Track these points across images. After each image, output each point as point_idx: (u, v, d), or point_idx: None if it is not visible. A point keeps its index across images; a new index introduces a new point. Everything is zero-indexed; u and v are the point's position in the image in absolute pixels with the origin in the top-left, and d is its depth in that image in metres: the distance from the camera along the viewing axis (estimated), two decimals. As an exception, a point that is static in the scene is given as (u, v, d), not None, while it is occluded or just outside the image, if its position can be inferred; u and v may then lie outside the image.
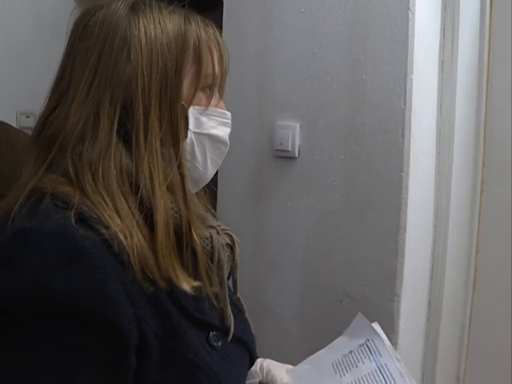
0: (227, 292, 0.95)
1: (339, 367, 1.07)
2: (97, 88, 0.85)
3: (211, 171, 0.98)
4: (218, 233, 0.96)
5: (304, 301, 1.92)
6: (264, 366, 1.05)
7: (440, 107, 1.81)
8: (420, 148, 1.75)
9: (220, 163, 0.99)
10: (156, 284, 0.82)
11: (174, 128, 0.89)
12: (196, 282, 0.87)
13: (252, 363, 1.02)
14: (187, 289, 0.85)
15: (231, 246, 0.97)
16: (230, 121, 0.99)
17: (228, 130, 0.98)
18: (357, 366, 1.06)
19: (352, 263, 1.82)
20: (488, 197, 1.92)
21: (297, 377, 1.07)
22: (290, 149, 1.94)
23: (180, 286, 0.84)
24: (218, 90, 0.97)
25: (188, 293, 0.85)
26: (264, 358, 1.07)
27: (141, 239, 0.81)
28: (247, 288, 1.11)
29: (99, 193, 0.82)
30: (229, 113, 0.98)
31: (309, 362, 1.12)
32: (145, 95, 0.86)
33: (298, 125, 1.93)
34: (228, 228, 0.99)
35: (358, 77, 1.78)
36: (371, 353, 1.07)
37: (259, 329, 1.07)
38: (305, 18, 1.89)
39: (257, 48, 2.00)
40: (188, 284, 0.85)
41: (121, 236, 0.79)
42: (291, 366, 1.10)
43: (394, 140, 1.72)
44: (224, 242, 0.96)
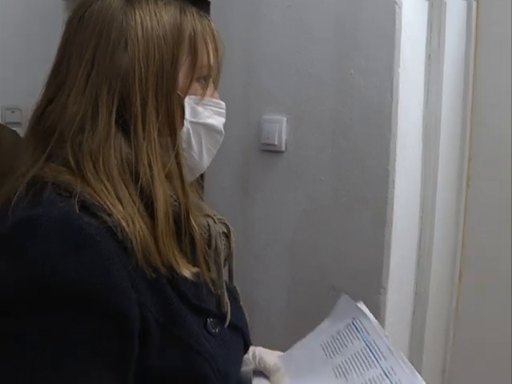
0: (224, 279, 0.97)
1: (329, 349, 1.09)
2: (94, 79, 0.87)
3: (206, 160, 1.00)
4: (215, 221, 0.98)
5: (291, 294, 1.94)
6: (256, 354, 1.07)
7: (427, 101, 1.84)
8: (407, 142, 1.78)
9: (215, 153, 1.02)
10: (157, 270, 0.84)
11: (171, 118, 0.91)
12: (195, 269, 0.90)
13: (246, 350, 1.05)
14: (187, 275, 0.87)
15: (227, 235, 1.00)
16: (225, 111, 1.01)
17: (223, 120, 1.01)
18: (346, 346, 1.07)
19: (339, 257, 1.84)
20: (474, 191, 1.95)
21: (288, 362, 1.09)
22: (277, 143, 1.96)
23: (180, 273, 0.87)
24: (213, 82, 0.99)
25: (187, 279, 0.87)
26: (255, 346, 1.09)
27: (142, 226, 0.83)
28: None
29: (101, 181, 0.84)
30: (223, 103, 1.01)
31: (298, 347, 1.14)
32: (142, 86, 0.88)
33: (285, 119, 1.94)
34: (223, 217, 1.02)
35: (345, 71, 1.81)
36: (358, 331, 1.08)
37: (246, 323, 1.08)
38: (292, 13, 1.91)
39: (244, 42, 2.02)
40: (188, 270, 0.88)
41: (123, 223, 0.81)
42: (281, 353, 1.12)
43: (381, 134, 1.75)
44: (220, 231, 0.99)
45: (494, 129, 1.93)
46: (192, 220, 0.90)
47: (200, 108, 0.96)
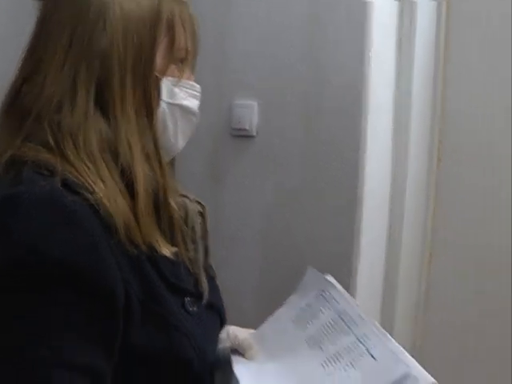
0: (201, 258, 0.99)
1: (300, 321, 1.11)
2: (73, 59, 0.88)
3: (181, 142, 1.01)
4: (190, 201, 1.01)
5: (263, 277, 1.96)
6: (230, 332, 1.08)
7: (398, 85, 1.86)
8: (377, 126, 1.81)
9: (189, 135, 1.02)
10: (138, 248, 0.85)
11: (148, 98, 0.93)
12: (174, 248, 0.91)
13: (222, 328, 1.06)
14: (167, 254, 0.89)
15: (202, 214, 1.03)
16: (200, 94, 1.02)
17: (197, 103, 1.03)
18: (317, 317, 1.08)
19: (310, 240, 1.87)
20: (445, 173, 1.98)
21: (260, 338, 1.10)
22: (248, 128, 1.97)
23: (160, 252, 0.88)
24: (190, 65, 1.00)
25: (166, 258, 0.89)
26: (229, 325, 1.10)
27: (124, 204, 0.85)
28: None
29: (81, 159, 0.85)
30: (198, 86, 1.02)
31: (269, 323, 1.15)
32: (120, 67, 0.89)
33: (257, 104, 1.95)
34: (197, 198, 1.03)
35: (316, 55, 1.83)
36: (328, 302, 1.09)
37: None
38: (264, -1, 1.91)
39: (214, 27, 2.02)
40: (167, 249, 0.90)
41: (105, 200, 0.82)
42: (254, 330, 1.14)
43: (352, 117, 1.77)
44: (196, 210, 1.00)
45: (464, 111, 1.96)
46: (170, 199, 0.92)
47: (176, 89, 0.97)
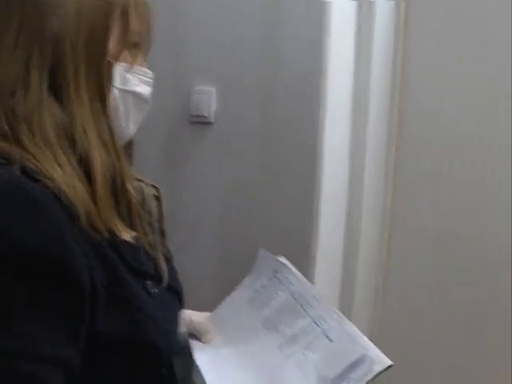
0: (159, 241, 0.99)
1: (255, 303, 1.12)
2: (25, 43, 0.87)
3: (132, 128, 1.01)
4: (146, 185, 1.01)
5: (220, 264, 1.96)
6: (186, 316, 1.08)
7: (356, 71, 1.86)
8: (336, 112, 1.82)
9: (141, 122, 1.02)
10: (100, 233, 0.85)
11: (101, 84, 0.92)
12: (133, 232, 0.92)
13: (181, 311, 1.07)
14: (127, 238, 0.90)
15: (157, 198, 1.03)
16: (152, 80, 1.02)
17: (150, 89, 1.02)
18: (272, 299, 1.10)
19: (268, 227, 1.88)
20: (403, 158, 2.00)
21: (216, 322, 1.11)
22: (207, 114, 1.97)
23: (120, 236, 0.88)
24: (143, 51, 1.00)
25: (126, 243, 0.90)
26: (185, 310, 1.10)
27: (83, 190, 0.84)
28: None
29: (37, 145, 0.84)
30: (151, 72, 1.02)
31: (224, 306, 1.16)
32: (73, 51, 0.88)
33: (215, 89, 1.94)
34: (152, 181, 1.04)
35: (274, 41, 1.83)
36: (282, 283, 1.11)
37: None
38: (220, -18, 1.90)
39: (171, 12, 2.01)
40: (127, 234, 0.90)
41: (65, 187, 0.81)
42: (209, 313, 1.15)
43: (310, 104, 1.78)
44: (151, 194, 1.01)
45: (424, 94, 1.98)
46: (128, 184, 0.92)
47: (129, 76, 0.96)
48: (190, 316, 1.10)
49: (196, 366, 1.01)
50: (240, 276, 1.86)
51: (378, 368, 0.92)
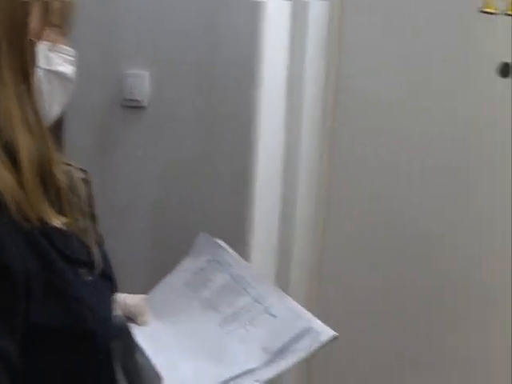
0: (90, 226, 0.97)
1: (193, 285, 1.13)
2: None
3: (57, 110, 0.98)
4: (74, 169, 0.98)
5: (154, 250, 1.95)
6: (121, 300, 1.07)
7: (291, 55, 1.87)
8: (271, 96, 1.83)
9: (65, 103, 1.00)
10: (30, 223, 0.83)
11: (24, 64, 0.89)
12: (64, 219, 0.89)
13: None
14: (58, 225, 0.87)
15: (86, 181, 1.00)
16: (74, 59, 0.99)
17: (73, 68, 0.99)
18: (210, 281, 1.11)
19: (203, 213, 1.87)
20: (338, 142, 2.02)
21: (152, 303, 1.11)
22: (140, 98, 1.94)
23: (51, 224, 0.86)
24: (66, 29, 0.97)
25: (57, 230, 0.87)
26: (120, 293, 1.09)
27: (10, 179, 0.82)
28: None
29: None
30: (73, 50, 0.99)
31: (160, 288, 1.16)
32: None
33: (148, 73, 1.92)
34: (81, 166, 1.01)
35: (209, 24, 1.82)
36: (221, 265, 1.12)
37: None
38: (154, -36, 1.88)
39: (103, -8, 1.96)
40: (58, 221, 0.88)
41: None
42: (145, 296, 1.14)
43: (245, 87, 1.78)
44: (80, 177, 0.98)
45: (358, 86, 2.01)
46: (56, 170, 0.90)
47: (52, 55, 0.94)
48: (125, 299, 1.08)
49: (139, 348, 1.00)
50: (174, 260, 1.85)
51: (323, 338, 0.96)
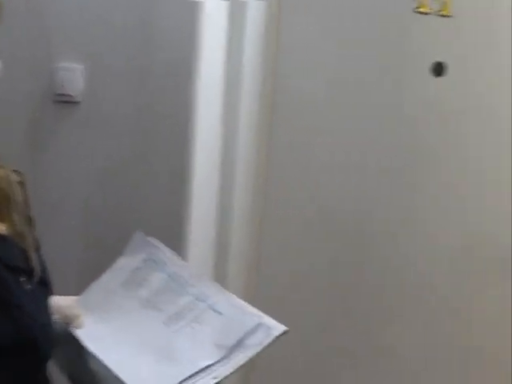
0: (27, 230, 0.95)
1: (130, 285, 1.12)
2: None
3: None
4: (9, 171, 0.96)
5: (88, 249, 1.90)
6: (54, 303, 1.03)
7: (229, 54, 1.85)
8: (208, 94, 1.80)
9: None
10: None
11: None
12: (2, 225, 0.88)
13: None
14: None
15: (22, 184, 0.98)
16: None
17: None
18: (148, 280, 1.10)
19: (139, 211, 1.83)
20: (276, 141, 2.02)
21: (86, 305, 1.08)
22: (73, 93, 1.88)
23: None
24: None
25: None
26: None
27: None
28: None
29: None
30: None
31: (94, 289, 1.15)
32: None
33: (82, 67, 1.86)
34: (14, 167, 0.99)
35: (146, 19, 1.78)
36: (157, 264, 1.12)
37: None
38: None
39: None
40: None
41: None
42: (77, 297, 1.11)
43: (183, 86, 1.75)
44: (16, 180, 0.96)
45: (295, 86, 2.02)
46: None
47: None
48: (58, 302, 1.05)
49: (89, 353, 1.00)
50: (109, 260, 1.80)
51: (276, 333, 1.00)
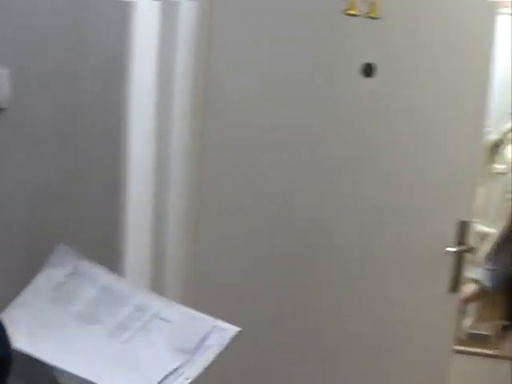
0: None
1: (58, 301, 1.08)
2: None
3: None
4: None
5: (27, 264, 1.80)
6: None
7: (161, 53, 1.81)
8: (140, 98, 1.76)
9: None
10: None
11: None
12: None
13: None
14: None
15: None
16: None
17: None
18: (78, 295, 1.08)
19: (72, 223, 1.76)
20: (208, 140, 1.99)
21: (12, 321, 1.01)
22: (-2, 99, 1.80)
23: None
24: None
25: None
26: None
27: None
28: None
29: None
30: None
31: (17, 307, 1.08)
32: None
33: (7, 71, 1.78)
34: None
35: (75, 20, 1.73)
36: (85, 278, 1.11)
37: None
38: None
39: None
40: None
41: None
42: None
43: (113, 89, 1.71)
44: None
45: (227, 78, 2.01)
46: None
47: None
48: None
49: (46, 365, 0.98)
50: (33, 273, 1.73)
51: (230, 333, 1.06)
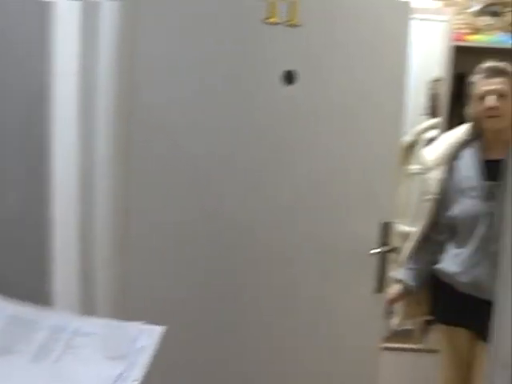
0: None
1: None
2: None
3: None
4: None
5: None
6: None
7: (83, 53, 1.72)
8: (63, 113, 1.68)
9: None
10: None
11: None
12: None
13: None
14: None
15: None
16: None
17: None
18: None
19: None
20: (134, 148, 1.93)
21: None
22: None
23: None
24: None
25: None
26: None
27: None
28: None
29: None
30: None
31: None
32: None
33: None
34: None
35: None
36: None
37: None
38: None
39: None
40: None
41: None
42: None
43: (35, 103, 1.64)
44: None
45: (154, 83, 1.97)
46: None
47: None
48: None
49: None
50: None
51: (158, 332, 1.09)
